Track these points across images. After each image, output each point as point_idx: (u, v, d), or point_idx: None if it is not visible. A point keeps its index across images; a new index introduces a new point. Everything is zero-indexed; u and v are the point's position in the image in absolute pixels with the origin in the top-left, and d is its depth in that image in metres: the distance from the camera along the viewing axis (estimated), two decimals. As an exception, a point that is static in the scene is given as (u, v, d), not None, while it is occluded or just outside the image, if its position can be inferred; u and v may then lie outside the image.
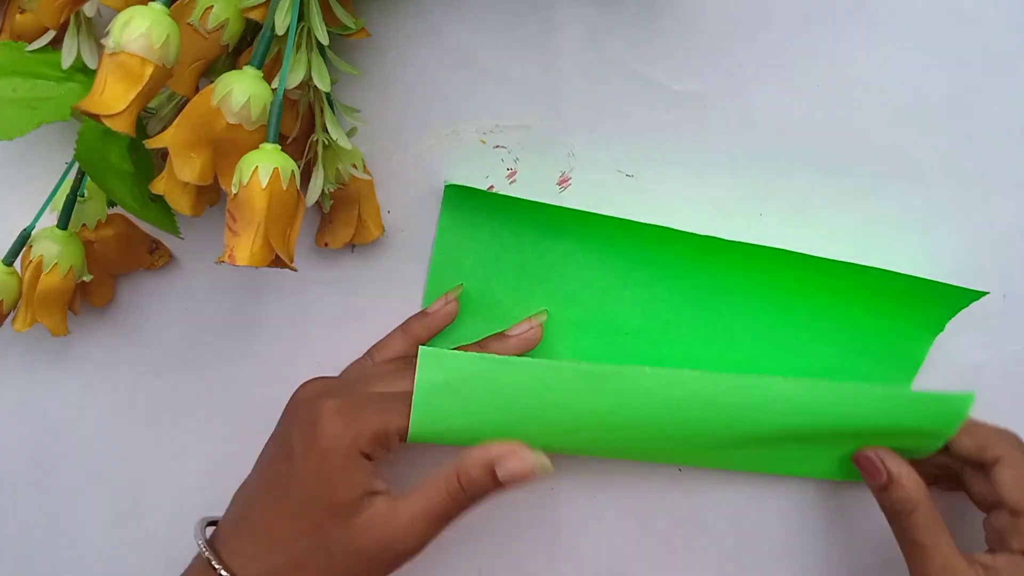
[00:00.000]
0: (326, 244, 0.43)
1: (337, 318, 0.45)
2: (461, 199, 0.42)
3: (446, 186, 0.42)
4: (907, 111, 0.42)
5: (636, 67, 0.42)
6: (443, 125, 0.43)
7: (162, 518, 0.47)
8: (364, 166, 0.42)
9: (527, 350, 0.43)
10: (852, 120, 0.42)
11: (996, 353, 0.45)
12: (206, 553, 0.38)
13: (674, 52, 0.42)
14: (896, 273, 0.42)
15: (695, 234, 0.42)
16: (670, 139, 0.42)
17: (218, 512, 0.41)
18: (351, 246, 0.44)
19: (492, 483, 0.37)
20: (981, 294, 0.42)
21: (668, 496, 0.46)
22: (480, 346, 0.43)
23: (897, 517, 0.42)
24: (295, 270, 0.35)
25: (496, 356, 0.38)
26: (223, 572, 0.37)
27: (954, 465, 0.43)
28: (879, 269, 0.41)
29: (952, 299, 0.42)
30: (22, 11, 0.39)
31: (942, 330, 0.44)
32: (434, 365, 0.38)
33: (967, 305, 0.43)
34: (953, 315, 0.43)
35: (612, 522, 0.47)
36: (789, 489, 0.46)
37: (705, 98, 0.42)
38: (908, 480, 0.41)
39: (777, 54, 0.42)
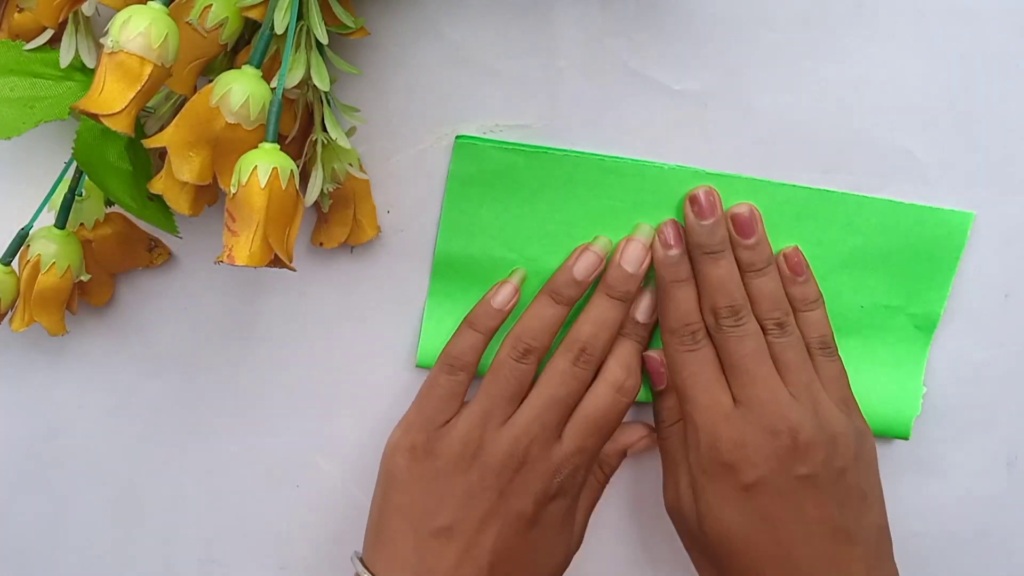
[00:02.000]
0: (321, 244, 0.43)
1: (336, 318, 0.45)
2: (471, 151, 0.42)
3: (456, 138, 0.42)
4: (907, 111, 0.42)
5: (636, 67, 0.42)
6: (443, 125, 0.42)
7: (161, 518, 0.47)
8: (360, 165, 0.41)
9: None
10: (852, 120, 0.42)
11: (998, 353, 0.45)
12: None
13: (674, 52, 0.42)
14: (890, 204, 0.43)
15: (712, 172, 0.42)
16: (670, 139, 0.42)
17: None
18: (350, 246, 0.44)
19: (622, 459, 0.45)
20: (963, 215, 0.43)
21: (668, 497, 0.46)
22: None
23: (661, 425, 0.44)
24: (294, 270, 0.35)
25: (526, 149, 0.42)
26: None
27: None
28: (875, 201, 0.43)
29: (943, 226, 0.43)
30: (20, 10, 0.39)
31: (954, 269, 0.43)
32: (468, 156, 0.42)
33: (959, 234, 0.43)
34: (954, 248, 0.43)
35: (612, 522, 0.47)
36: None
37: (705, 98, 0.42)
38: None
39: (777, 54, 0.42)
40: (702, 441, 0.41)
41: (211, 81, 0.35)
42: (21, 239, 0.40)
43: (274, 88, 0.35)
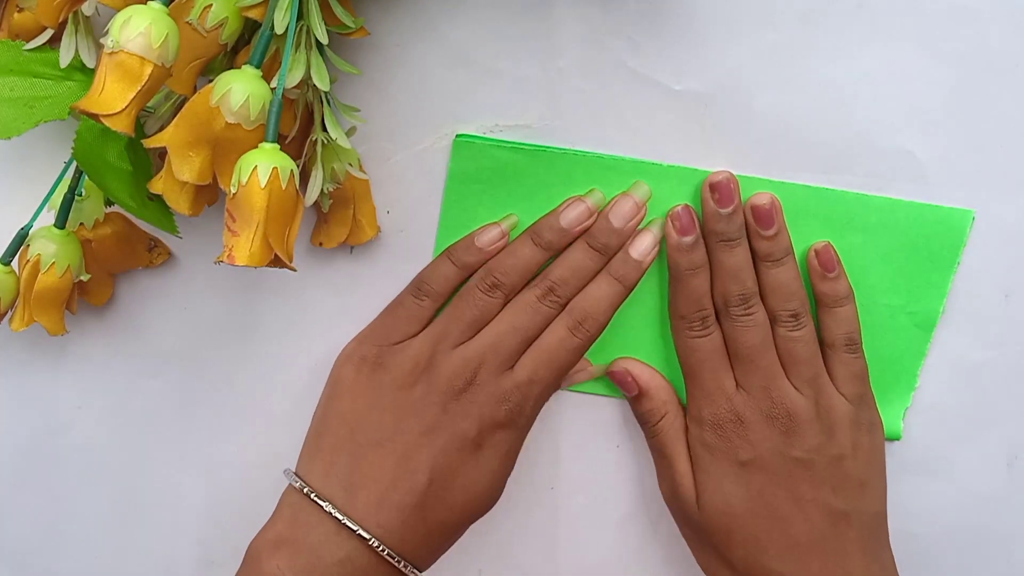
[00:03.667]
0: (320, 244, 0.43)
1: (335, 318, 0.45)
2: (470, 149, 0.42)
3: (456, 137, 0.42)
4: (907, 111, 0.42)
5: (636, 67, 0.42)
6: (443, 125, 0.42)
7: (161, 518, 0.47)
8: (360, 165, 0.41)
9: None
10: (852, 120, 0.42)
11: (998, 353, 0.45)
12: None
13: (674, 52, 0.42)
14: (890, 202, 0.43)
15: (711, 172, 0.42)
16: (670, 139, 0.42)
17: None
18: (350, 246, 0.44)
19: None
20: (963, 212, 0.43)
21: (668, 497, 0.46)
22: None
23: (647, 425, 0.44)
24: (294, 270, 0.35)
25: (525, 147, 0.42)
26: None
27: None
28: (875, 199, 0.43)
29: (942, 223, 0.43)
30: (20, 9, 0.39)
31: (954, 266, 0.43)
32: (467, 154, 0.42)
33: (959, 231, 0.43)
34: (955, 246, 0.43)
35: (612, 522, 0.47)
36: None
37: (705, 98, 0.42)
38: (657, 391, 0.44)
39: (777, 54, 0.42)
40: (705, 419, 0.42)
41: (211, 81, 0.35)
42: (21, 239, 0.40)
43: (274, 88, 0.35)
